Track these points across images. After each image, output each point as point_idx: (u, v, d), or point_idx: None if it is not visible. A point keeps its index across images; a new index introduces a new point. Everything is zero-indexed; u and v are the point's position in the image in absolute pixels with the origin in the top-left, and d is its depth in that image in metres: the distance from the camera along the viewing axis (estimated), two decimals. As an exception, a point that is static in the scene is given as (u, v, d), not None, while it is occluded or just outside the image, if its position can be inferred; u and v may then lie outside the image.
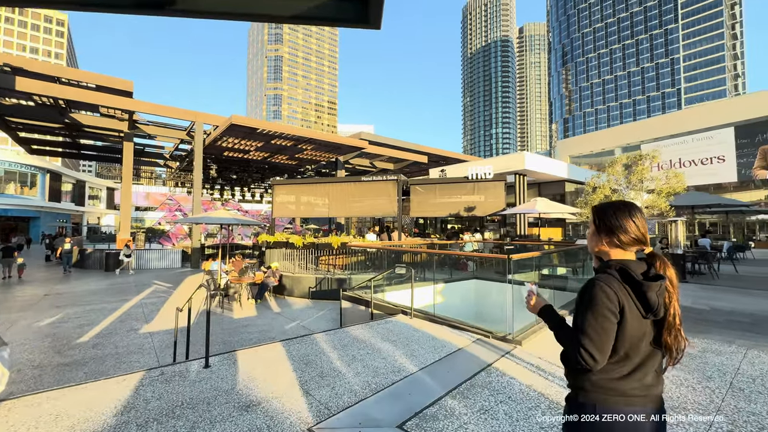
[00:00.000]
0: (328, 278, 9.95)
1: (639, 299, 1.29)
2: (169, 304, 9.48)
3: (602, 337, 1.27)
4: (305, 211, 11.75)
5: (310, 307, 9.15)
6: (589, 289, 1.32)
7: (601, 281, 1.32)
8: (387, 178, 10.65)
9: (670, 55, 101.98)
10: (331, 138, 17.91)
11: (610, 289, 1.29)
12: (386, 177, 10.65)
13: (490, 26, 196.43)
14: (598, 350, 1.27)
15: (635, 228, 1.39)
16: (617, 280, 1.32)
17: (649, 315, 1.29)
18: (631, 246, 1.40)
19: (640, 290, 1.28)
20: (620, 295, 1.29)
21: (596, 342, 1.27)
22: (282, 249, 10.83)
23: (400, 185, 10.54)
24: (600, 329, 1.27)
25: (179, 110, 17.63)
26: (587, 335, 1.27)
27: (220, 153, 21.20)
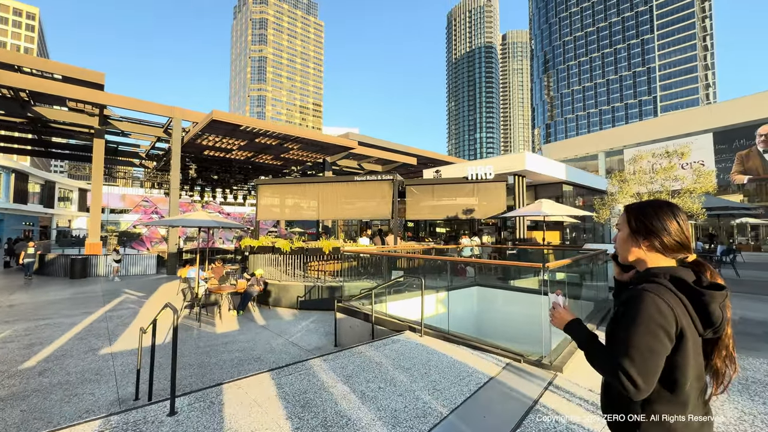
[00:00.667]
0: (319, 286, 9.12)
1: (698, 313, 1.12)
2: (139, 317, 8.44)
3: (649, 360, 1.08)
4: (292, 213, 10.89)
5: (298, 319, 8.29)
6: (636, 301, 1.13)
7: (651, 292, 1.12)
8: (382, 177, 9.93)
9: (646, 64, 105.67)
10: (319, 137, 17.08)
11: (663, 302, 1.10)
12: (381, 177, 9.93)
13: (474, 33, 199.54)
14: (643, 374, 1.07)
15: (680, 230, 1.22)
16: (671, 291, 1.13)
17: (707, 332, 1.12)
18: (675, 251, 1.23)
19: (701, 302, 1.11)
20: (677, 311, 1.10)
21: (640, 364, 1.07)
22: (267, 254, 9.92)
23: (395, 186, 9.83)
24: (646, 349, 1.08)
25: (155, 105, 16.45)
26: (629, 356, 1.09)
27: (200, 152, 20.01)
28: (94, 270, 15.65)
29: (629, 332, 1.10)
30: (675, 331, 1.09)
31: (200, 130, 15.51)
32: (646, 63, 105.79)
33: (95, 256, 15.79)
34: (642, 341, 1.08)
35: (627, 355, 1.08)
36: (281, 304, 9.41)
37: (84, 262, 15.19)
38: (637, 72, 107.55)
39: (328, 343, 6.48)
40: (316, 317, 8.42)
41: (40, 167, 70.91)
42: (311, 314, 8.70)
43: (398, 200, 10.50)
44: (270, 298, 9.44)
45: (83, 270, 15.07)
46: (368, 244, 9.97)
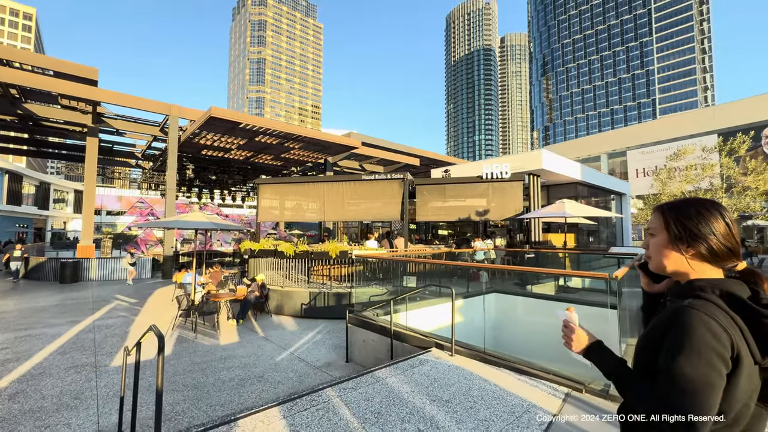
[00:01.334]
0: (324, 293, 8.47)
1: (757, 337, 0.91)
2: (130, 327, 7.76)
3: (709, 397, 0.87)
4: (294, 214, 10.26)
5: (303, 329, 7.64)
6: (684, 322, 0.92)
7: (700, 310, 0.92)
8: (392, 176, 9.31)
9: (645, 66, 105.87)
10: (322, 136, 16.47)
11: (716, 324, 0.90)
12: (391, 176, 9.32)
13: (473, 35, 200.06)
14: (703, 415, 0.86)
15: (729, 233, 1.02)
16: (722, 310, 0.93)
17: (766, 360, 0.91)
18: (724, 259, 1.03)
19: (761, 324, 0.91)
20: (732, 334, 0.90)
21: (699, 403, 0.86)
22: (269, 258, 9.28)
23: (406, 186, 9.22)
24: (704, 383, 0.87)
25: (151, 102, 15.82)
26: (684, 392, 0.87)
27: (197, 151, 19.35)
28: (85, 274, 14.95)
29: (679, 361, 0.90)
30: (731, 357, 0.90)
31: (198, 128, 14.87)
32: (645, 66, 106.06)
33: (87, 260, 15.09)
34: (697, 374, 0.88)
35: (681, 392, 0.89)
36: (284, 312, 8.75)
37: (75, 266, 14.48)
38: (636, 75, 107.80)
39: (338, 359, 5.83)
40: (322, 327, 7.77)
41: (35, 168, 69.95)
42: (317, 323, 8.05)
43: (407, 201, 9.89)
44: (272, 305, 8.79)
45: (74, 274, 14.36)
46: (376, 247, 9.35)
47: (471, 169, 11.57)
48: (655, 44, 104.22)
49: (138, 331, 7.45)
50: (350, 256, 8.50)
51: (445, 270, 8.97)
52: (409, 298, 7.03)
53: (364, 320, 5.52)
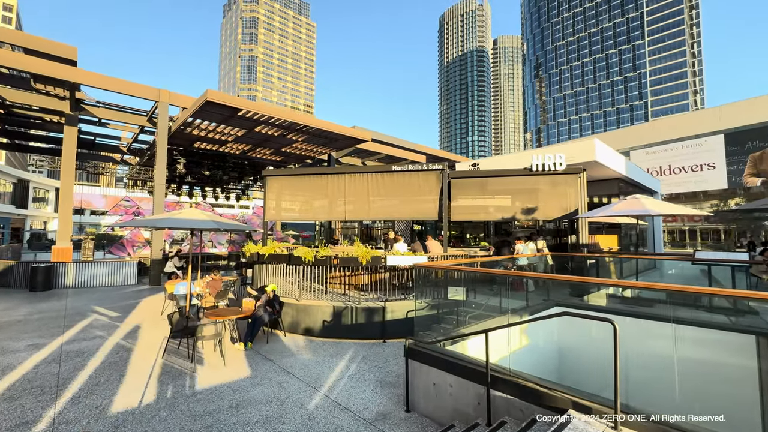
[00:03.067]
0: (352, 308, 6.93)
1: None
2: (107, 354, 6.10)
3: None
4: (308, 212, 8.69)
5: (331, 355, 6.08)
6: None
7: None
8: (429, 167, 7.84)
9: (637, 69, 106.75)
10: (331, 127, 14.91)
11: None
12: (428, 166, 7.84)
13: (466, 37, 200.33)
14: None
15: None
16: None
17: None
18: None
19: None
20: None
21: None
22: (280, 265, 7.69)
23: (445, 178, 7.74)
24: None
25: (137, 86, 14.05)
26: None
27: (189, 143, 17.58)
28: (60, 280, 13.10)
29: None
30: None
31: (192, 114, 13.16)
32: (637, 68, 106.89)
33: (62, 264, 13.23)
34: None
35: None
36: (300, 331, 7.18)
37: (48, 271, 12.62)
38: (628, 77, 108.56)
39: (393, 406, 4.31)
40: (353, 352, 6.23)
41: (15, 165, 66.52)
42: (345, 346, 6.51)
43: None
44: (285, 322, 7.21)
45: (46, 281, 12.51)
46: (405, 251, 7.86)
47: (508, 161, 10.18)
48: (647, 47, 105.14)
49: (118, 359, 5.80)
50: (383, 263, 6.98)
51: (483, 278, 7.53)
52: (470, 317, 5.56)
53: (436, 355, 3.99)
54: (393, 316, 6.90)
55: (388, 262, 6.96)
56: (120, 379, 5.04)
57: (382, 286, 7.64)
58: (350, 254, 7.07)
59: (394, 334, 6.90)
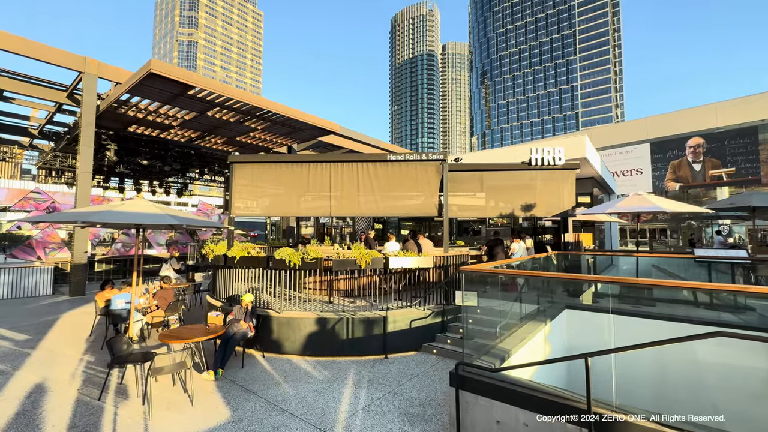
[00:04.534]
0: (347, 319, 5.84)
1: None
2: (13, 400, 4.36)
3: None
4: (285, 206, 7.35)
5: (327, 380, 4.95)
6: None
7: None
8: (429, 157, 6.96)
9: (570, 82, 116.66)
10: (298, 115, 13.42)
11: None
12: (428, 156, 6.96)
13: (417, 40, 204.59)
14: None
15: None
16: None
17: None
18: None
19: None
20: None
21: None
22: (254, 271, 6.33)
23: (445, 171, 6.93)
24: None
25: (58, 52, 11.44)
26: None
27: (123, 126, 14.93)
28: (-59, 293, 10.15)
29: None
30: None
31: (128, 89, 10.94)
32: (570, 81, 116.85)
33: (-56, 272, 10.27)
34: None
35: None
36: (282, 350, 5.91)
37: None
38: (563, 89, 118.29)
39: (437, 450, 3.37)
40: (355, 372, 5.16)
41: None
42: (342, 366, 5.41)
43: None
44: (263, 339, 5.90)
45: None
46: (397, 250, 6.95)
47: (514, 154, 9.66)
48: (578, 63, 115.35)
49: (30, 407, 4.14)
50: (385, 266, 5.97)
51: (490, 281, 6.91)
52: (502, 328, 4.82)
53: (499, 384, 3.11)
54: (395, 327, 5.95)
55: (391, 265, 5.98)
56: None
57: (375, 291, 6.65)
58: (345, 256, 5.97)
59: (398, 347, 5.96)
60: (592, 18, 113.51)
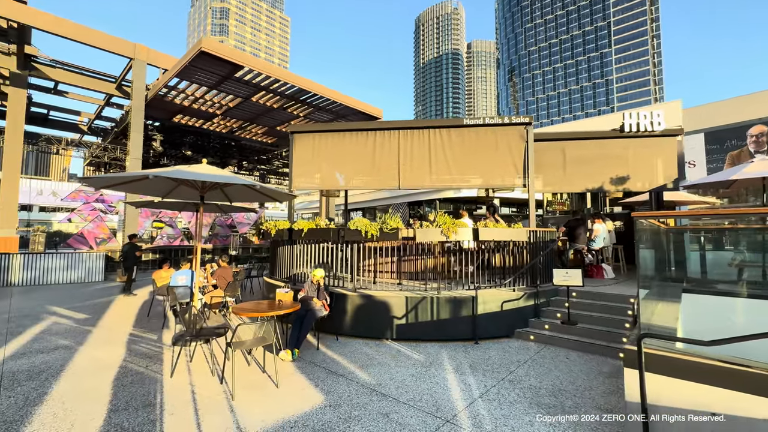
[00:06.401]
0: (431, 299, 5.12)
1: None
2: (80, 374, 3.93)
3: None
4: (351, 179, 6.74)
5: (421, 364, 4.24)
6: None
7: None
8: (512, 120, 6.15)
9: (604, 76, 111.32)
10: (344, 99, 12.90)
11: None
12: (510, 119, 6.14)
13: (441, 39, 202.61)
14: None
15: None
16: None
17: None
18: None
19: None
20: None
21: None
22: (317, 246, 5.74)
23: (530, 137, 6.08)
24: None
25: (109, 38, 11.47)
26: None
27: (169, 116, 14.99)
28: (4, 276, 10.31)
29: None
30: None
31: (177, 73, 10.78)
32: (605, 75, 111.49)
33: (5, 256, 10.44)
34: None
35: None
36: (359, 331, 5.27)
37: (-16, 264, 9.84)
38: (597, 83, 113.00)
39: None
40: (451, 358, 4.42)
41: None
42: (431, 351, 4.69)
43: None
44: (334, 320, 5.27)
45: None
46: (472, 226, 6.15)
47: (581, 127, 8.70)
48: (613, 56, 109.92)
49: (98, 383, 3.68)
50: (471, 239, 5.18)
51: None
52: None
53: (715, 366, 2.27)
54: (485, 309, 5.16)
55: (481, 236, 5.21)
56: (111, 416, 2.98)
57: (447, 274, 5.89)
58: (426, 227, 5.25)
59: (487, 332, 5.17)
60: (628, 8, 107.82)
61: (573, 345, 4.82)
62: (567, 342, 4.88)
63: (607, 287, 5.85)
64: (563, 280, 5.18)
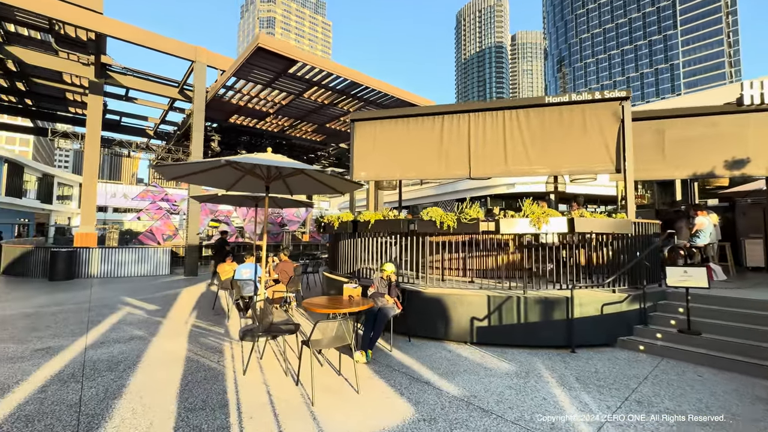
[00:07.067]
0: (516, 298, 4.50)
1: None
2: (154, 366, 3.82)
3: None
4: (415, 169, 6.23)
5: (514, 374, 3.65)
6: None
7: None
8: (605, 95, 5.31)
9: (669, 60, 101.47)
10: (397, 92, 12.51)
11: None
12: (603, 94, 5.31)
13: (484, 32, 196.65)
14: None
15: None
16: None
17: None
18: None
19: None
20: None
21: None
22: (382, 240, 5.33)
23: (627, 114, 5.20)
24: None
25: (172, 42, 12.00)
26: None
27: (225, 116, 15.52)
28: (84, 269, 11.13)
29: None
30: None
31: (235, 72, 11.01)
32: (669, 60, 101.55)
33: (86, 250, 11.26)
34: None
35: None
36: (433, 333, 4.78)
37: (69, 257, 10.65)
38: (660, 69, 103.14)
39: None
40: (547, 367, 3.79)
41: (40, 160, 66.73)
42: (520, 358, 4.09)
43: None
44: (406, 319, 4.82)
45: (67, 269, 10.53)
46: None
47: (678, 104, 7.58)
48: (680, 38, 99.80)
49: (171, 375, 3.52)
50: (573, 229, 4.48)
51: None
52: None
53: None
54: (581, 312, 4.43)
55: (578, 228, 4.49)
56: (189, 416, 2.74)
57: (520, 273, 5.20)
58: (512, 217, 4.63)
59: (585, 340, 4.44)
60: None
61: (699, 359, 3.96)
62: (690, 355, 4.02)
63: (743, 291, 4.85)
64: (681, 281, 4.31)
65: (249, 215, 18.62)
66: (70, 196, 50.78)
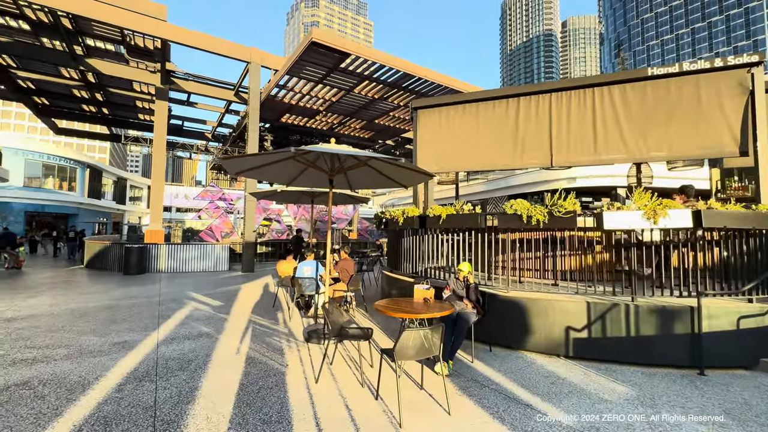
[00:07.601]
0: (624, 306, 3.79)
1: None
2: (224, 367, 3.65)
3: None
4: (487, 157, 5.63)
5: (637, 400, 2.99)
6: None
7: None
8: (726, 63, 4.38)
9: (752, 36, 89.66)
10: (452, 82, 11.88)
11: None
12: (725, 61, 4.40)
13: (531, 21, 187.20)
14: None
15: None
16: None
17: None
18: None
19: None
20: None
21: None
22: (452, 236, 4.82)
23: (757, 82, 4.24)
24: None
25: (228, 44, 12.34)
26: None
27: (277, 116, 15.82)
28: (153, 264, 11.81)
29: None
30: None
31: (288, 69, 11.05)
32: (752, 35, 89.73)
33: (155, 246, 11.94)
34: None
35: None
36: (520, 343, 4.20)
37: (141, 253, 11.33)
38: (739, 47, 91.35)
39: None
40: (674, 392, 3.08)
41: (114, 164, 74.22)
42: (634, 379, 3.39)
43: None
44: (486, 328, 4.28)
45: (140, 264, 11.20)
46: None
47: None
48: (765, 9, 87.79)
49: (244, 380, 3.30)
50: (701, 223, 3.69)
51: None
52: None
53: None
54: (709, 326, 3.61)
55: (706, 222, 3.68)
56: (264, 430, 2.46)
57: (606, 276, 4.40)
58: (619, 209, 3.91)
59: (716, 360, 3.62)
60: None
61: None
62: None
63: None
64: None
65: (299, 213, 18.91)
66: (141, 197, 55.72)
